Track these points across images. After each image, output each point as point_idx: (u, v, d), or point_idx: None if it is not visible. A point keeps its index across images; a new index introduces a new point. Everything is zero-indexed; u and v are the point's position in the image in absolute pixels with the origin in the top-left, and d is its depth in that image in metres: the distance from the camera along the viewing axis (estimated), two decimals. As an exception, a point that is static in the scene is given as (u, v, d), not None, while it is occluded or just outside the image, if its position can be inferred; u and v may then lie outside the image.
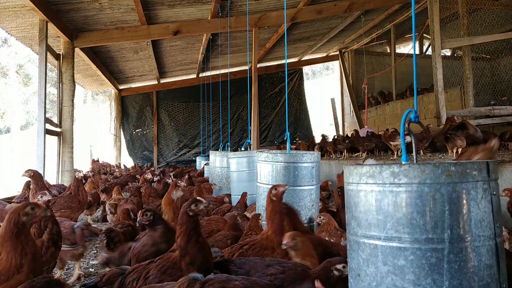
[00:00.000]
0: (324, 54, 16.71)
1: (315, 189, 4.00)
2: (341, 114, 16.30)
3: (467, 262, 1.49)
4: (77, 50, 9.39)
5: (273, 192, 3.03)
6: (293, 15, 9.79)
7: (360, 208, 1.68)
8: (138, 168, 13.25)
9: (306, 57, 16.49)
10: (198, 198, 2.66)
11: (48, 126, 7.94)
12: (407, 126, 1.94)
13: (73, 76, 8.84)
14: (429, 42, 11.31)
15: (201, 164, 10.60)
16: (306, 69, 20.23)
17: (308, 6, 9.90)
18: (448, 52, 13.72)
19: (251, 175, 5.66)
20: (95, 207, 6.12)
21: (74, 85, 9.03)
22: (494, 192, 1.58)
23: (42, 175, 5.63)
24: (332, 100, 15.63)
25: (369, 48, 14.64)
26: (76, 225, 3.38)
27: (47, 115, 7.95)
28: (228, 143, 9.57)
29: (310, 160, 3.93)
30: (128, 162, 15.47)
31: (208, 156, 8.96)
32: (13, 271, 2.11)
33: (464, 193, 1.52)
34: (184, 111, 16.20)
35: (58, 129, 8.53)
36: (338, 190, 5.11)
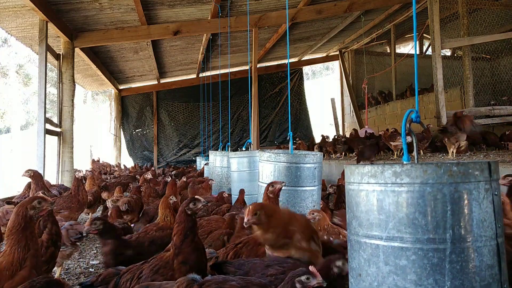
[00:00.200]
0: (324, 54, 16.71)
1: (317, 190, 4.00)
2: (341, 114, 16.29)
3: (468, 262, 1.49)
4: (77, 50, 9.38)
5: (270, 189, 3.05)
6: (293, 15, 9.79)
7: (361, 208, 1.68)
8: (138, 168, 13.24)
9: (306, 57, 16.48)
10: (197, 196, 2.66)
11: (48, 126, 7.94)
12: (408, 126, 1.93)
13: (73, 76, 8.83)
14: (429, 42, 11.31)
15: (201, 164, 10.60)
16: (306, 69, 20.22)
17: (308, 6, 9.90)
18: (448, 52, 13.71)
19: (251, 175, 5.65)
20: (96, 206, 6.13)
21: (74, 85, 9.03)
22: (495, 192, 1.58)
23: (42, 175, 5.63)
24: (332, 100, 15.63)
25: (369, 48, 14.63)
26: (63, 226, 3.33)
27: (47, 115, 7.94)
28: (228, 143, 9.57)
29: (313, 161, 3.91)
30: (128, 162, 15.47)
31: (208, 156, 8.96)
32: (16, 266, 2.11)
33: (466, 193, 1.52)
34: (184, 111, 16.20)
35: (58, 129, 8.53)
36: (334, 187, 5.11)
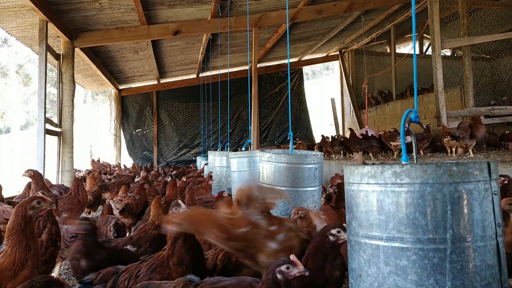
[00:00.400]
0: (324, 54, 16.70)
1: (318, 190, 3.99)
2: (341, 114, 16.28)
3: (469, 262, 1.49)
4: (77, 50, 9.38)
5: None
6: (293, 15, 9.79)
7: (361, 208, 1.67)
8: (138, 168, 13.23)
9: (306, 57, 16.48)
10: (179, 201, 2.65)
11: (48, 126, 7.94)
12: (407, 126, 1.93)
13: (73, 76, 8.83)
14: (429, 42, 11.31)
15: (201, 164, 10.60)
16: (306, 69, 20.22)
17: (308, 6, 9.89)
18: (448, 52, 13.70)
19: (252, 175, 5.63)
20: (96, 206, 6.12)
21: (74, 85, 9.02)
22: (495, 192, 1.58)
23: (42, 175, 5.62)
24: (332, 100, 15.62)
25: (369, 48, 14.62)
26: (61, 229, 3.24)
27: (47, 115, 7.94)
28: (228, 143, 9.56)
29: (314, 162, 3.90)
30: (128, 162, 15.46)
31: (208, 156, 8.96)
32: (18, 266, 2.11)
33: (466, 193, 1.52)
34: (184, 111, 16.19)
35: (58, 129, 8.53)
36: (334, 187, 5.11)
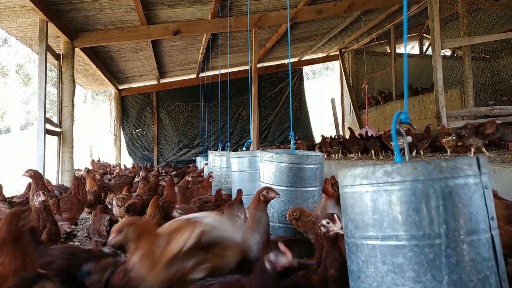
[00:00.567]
0: (324, 54, 16.70)
1: (318, 190, 4.00)
2: (341, 114, 16.27)
3: (464, 256, 1.51)
4: (77, 50, 9.38)
5: (264, 193, 3.05)
6: (293, 15, 9.79)
7: (356, 210, 1.69)
8: (138, 168, 13.23)
9: (306, 57, 16.47)
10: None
11: (48, 126, 7.94)
12: (398, 127, 1.94)
13: (73, 76, 8.83)
14: (429, 42, 11.31)
15: (202, 164, 10.60)
16: (306, 69, 20.21)
17: (308, 6, 9.89)
18: (448, 52, 13.71)
19: (252, 175, 5.63)
20: (96, 205, 6.10)
21: (74, 85, 9.02)
22: (486, 186, 1.60)
23: (42, 175, 5.62)
24: (332, 100, 15.62)
25: (369, 48, 14.62)
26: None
27: (47, 115, 7.94)
28: (228, 143, 9.56)
29: (315, 162, 3.91)
30: (128, 162, 15.46)
31: (208, 156, 8.96)
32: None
33: (457, 188, 1.54)
34: (184, 111, 16.19)
35: (58, 129, 8.53)
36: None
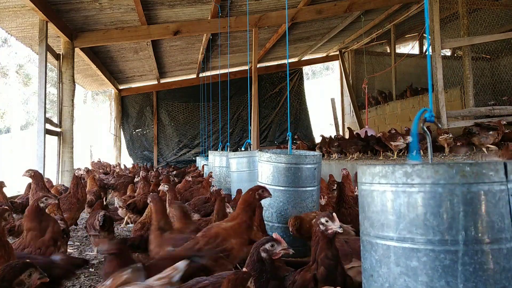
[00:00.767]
0: (324, 54, 16.69)
1: (316, 190, 3.99)
2: (341, 114, 16.27)
3: (482, 265, 1.45)
4: (77, 50, 9.37)
5: (260, 191, 3.04)
6: (293, 15, 9.78)
7: (372, 208, 1.66)
8: (138, 168, 13.22)
9: (306, 57, 16.46)
10: None
11: (48, 126, 7.93)
12: (421, 125, 1.90)
13: (73, 76, 8.82)
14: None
15: (201, 164, 10.60)
16: (306, 69, 20.20)
17: (308, 6, 9.88)
18: (448, 52, 13.70)
19: (251, 175, 5.64)
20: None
21: (74, 85, 9.02)
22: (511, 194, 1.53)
23: (42, 175, 5.62)
24: (332, 100, 15.61)
25: (369, 48, 14.61)
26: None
27: (47, 115, 7.94)
28: (228, 143, 9.56)
29: (313, 162, 3.90)
30: (128, 162, 15.46)
31: (208, 156, 8.96)
32: None
33: (480, 195, 1.47)
34: (184, 111, 16.18)
35: (58, 129, 8.52)
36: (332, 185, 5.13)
